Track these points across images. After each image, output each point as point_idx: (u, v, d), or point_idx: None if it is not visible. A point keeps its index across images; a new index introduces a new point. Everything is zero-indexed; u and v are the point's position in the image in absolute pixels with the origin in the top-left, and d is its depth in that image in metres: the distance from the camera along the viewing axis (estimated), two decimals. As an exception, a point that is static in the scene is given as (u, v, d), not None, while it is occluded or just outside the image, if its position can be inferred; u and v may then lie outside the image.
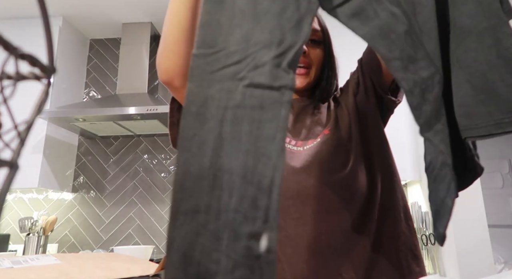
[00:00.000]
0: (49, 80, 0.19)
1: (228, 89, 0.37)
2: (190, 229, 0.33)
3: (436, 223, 0.45)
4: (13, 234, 2.30)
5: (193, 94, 0.37)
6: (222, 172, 0.35)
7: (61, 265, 0.62)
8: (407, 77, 0.41)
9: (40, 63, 0.19)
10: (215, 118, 0.36)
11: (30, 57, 0.18)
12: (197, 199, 0.34)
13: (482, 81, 0.40)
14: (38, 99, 0.19)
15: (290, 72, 0.38)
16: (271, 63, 0.38)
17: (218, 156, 0.35)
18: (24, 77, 0.18)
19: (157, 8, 2.35)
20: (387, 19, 0.42)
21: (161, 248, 2.25)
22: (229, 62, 0.38)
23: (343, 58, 0.85)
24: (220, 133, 0.36)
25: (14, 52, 0.17)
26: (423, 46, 0.42)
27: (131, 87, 2.36)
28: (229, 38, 0.39)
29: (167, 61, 0.66)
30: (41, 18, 0.19)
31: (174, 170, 0.37)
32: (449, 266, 1.60)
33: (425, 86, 0.41)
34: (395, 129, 2.01)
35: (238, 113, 0.36)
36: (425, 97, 0.41)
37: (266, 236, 0.32)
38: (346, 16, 0.43)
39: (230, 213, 0.33)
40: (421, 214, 1.81)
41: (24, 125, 0.18)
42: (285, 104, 0.37)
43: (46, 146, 2.17)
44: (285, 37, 0.39)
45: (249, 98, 0.37)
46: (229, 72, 0.38)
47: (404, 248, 0.73)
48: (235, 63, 0.38)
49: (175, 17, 0.64)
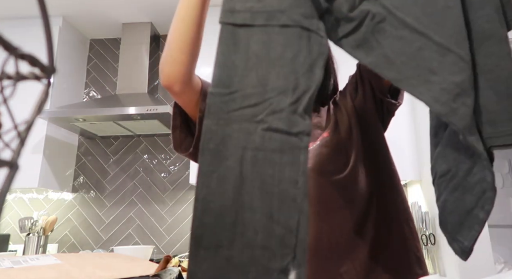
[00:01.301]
0: (49, 80, 0.19)
1: (246, 130, 0.39)
2: (213, 264, 0.34)
3: (458, 235, 0.42)
4: (13, 234, 2.30)
5: (211, 131, 0.39)
6: (244, 210, 0.36)
7: (61, 265, 0.62)
8: (430, 88, 0.41)
9: (40, 63, 0.19)
10: (234, 157, 0.38)
11: (30, 57, 0.18)
12: (219, 234, 0.35)
13: (505, 87, 0.40)
14: (38, 99, 0.19)
15: (306, 118, 0.40)
16: (288, 110, 0.40)
17: (239, 193, 0.37)
18: (24, 77, 0.18)
19: (157, 8, 2.35)
20: (391, 45, 0.43)
21: (161, 248, 2.25)
22: (246, 104, 0.40)
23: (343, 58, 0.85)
24: (240, 172, 0.37)
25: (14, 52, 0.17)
26: (453, 53, 0.42)
27: (131, 87, 2.36)
28: (245, 80, 0.41)
29: (169, 68, 0.67)
30: (41, 18, 0.19)
31: (193, 205, 0.38)
32: (449, 266, 1.60)
33: (460, 90, 0.41)
34: (395, 130, 2.01)
35: (259, 155, 0.38)
36: (463, 102, 0.40)
37: (295, 271, 0.34)
38: (351, 47, 0.44)
39: (257, 249, 0.35)
40: (421, 214, 1.81)
41: (24, 125, 0.18)
42: (304, 149, 0.39)
43: (46, 146, 2.17)
44: (299, 83, 0.41)
45: (269, 142, 0.38)
46: (246, 113, 0.40)
47: (405, 250, 0.73)
48: (252, 105, 0.40)
49: (180, 26, 0.66)
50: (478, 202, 0.40)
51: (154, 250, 2.22)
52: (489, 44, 0.41)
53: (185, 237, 2.26)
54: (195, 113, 0.73)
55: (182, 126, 0.76)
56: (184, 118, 0.76)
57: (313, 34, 0.43)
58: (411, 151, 1.92)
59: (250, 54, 0.42)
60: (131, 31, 2.48)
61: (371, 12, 0.44)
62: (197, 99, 0.72)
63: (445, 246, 1.63)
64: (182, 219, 2.30)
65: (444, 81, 0.41)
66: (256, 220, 0.36)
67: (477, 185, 0.41)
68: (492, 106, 0.40)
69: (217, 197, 0.37)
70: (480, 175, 0.41)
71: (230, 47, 0.42)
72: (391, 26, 0.43)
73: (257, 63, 0.41)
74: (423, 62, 0.42)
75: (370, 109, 0.77)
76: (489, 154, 0.42)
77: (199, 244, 0.35)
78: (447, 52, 0.42)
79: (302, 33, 0.42)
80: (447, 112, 0.40)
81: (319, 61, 0.42)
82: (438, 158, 0.46)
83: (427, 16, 0.43)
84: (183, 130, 0.76)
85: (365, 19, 0.44)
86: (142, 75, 2.38)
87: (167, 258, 0.71)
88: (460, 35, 0.42)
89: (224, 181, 0.37)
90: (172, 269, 0.70)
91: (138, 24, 2.48)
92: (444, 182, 0.45)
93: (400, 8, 0.43)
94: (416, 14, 0.43)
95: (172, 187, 2.36)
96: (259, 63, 0.41)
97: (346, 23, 0.44)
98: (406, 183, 2.15)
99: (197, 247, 0.35)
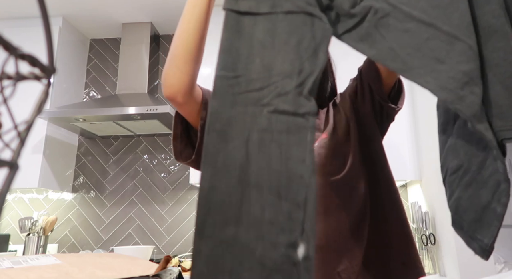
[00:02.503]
0: (49, 80, 0.19)
1: (252, 113, 0.40)
2: (219, 241, 0.35)
3: (476, 233, 0.41)
4: (13, 234, 2.30)
5: (217, 112, 0.40)
6: (250, 188, 0.37)
7: (61, 265, 0.62)
8: (437, 77, 0.41)
9: (40, 63, 0.19)
10: (241, 138, 0.39)
11: (30, 57, 0.18)
12: (225, 212, 0.36)
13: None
14: (38, 99, 0.19)
15: (311, 99, 0.41)
16: (294, 92, 0.40)
17: (246, 172, 0.37)
18: (24, 77, 0.18)
19: (157, 8, 2.35)
20: (396, 39, 0.43)
21: (161, 248, 2.25)
22: (251, 88, 0.41)
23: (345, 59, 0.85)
24: (246, 152, 0.38)
25: (14, 52, 0.17)
26: (461, 41, 0.42)
27: (131, 87, 2.36)
28: (249, 67, 0.42)
29: (172, 78, 0.68)
30: (41, 18, 0.19)
31: (199, 184, 0.39)
32: (449, 266, 1.60)
33: (468, 79, 0.41)
34: (395, 130, 2.02)
35: (265, 136, 0.39)
36: (471, 90, 0.40)
37: (304, 245, 0.34)
38: (354, 40, 0.45)
39: (264, 225, 0.35)
40: (421, 214, 1.81)
41: (24, 125, 0.18)
42: (310, 129, 0.39)
43: (46, 146, 2.17)
44: (304, 67, 0.41)
45: (275, 123, 0.39)
46: (251, 97, 0.41)
47: (401, 249, 0.74)
48: (257, 89, 0.41)
49: (184, 35, 0.67)
50: (494, 195, 0.39)
51: (154, 250, 2.22)
52: (496, 39, 0.41)
53: (185, 237, 2.26)
54: (196, 121, 0.74)
55: (182, 136, 0.77)
56: (185, 127, 0.77)
57: (317, 20, 0.43)
58: (411, 151, 1.92)
59: (254, 42, 0.42)
60: (131, 31, 2.48)
61: (374, 7, 0.44)
62: (198, 108, 0.73)
63: (445, 246, 1.63)
64: (182, 219, 2.30)
65: (451, 70, 0.41)
66: (263, 197, 0.36)
67: (491, 177, 0.39)
68: (501, 100, 0.40)
69: (223, 175, 0.37)
70: (493, 167, 0.40)
71: (234, 35, 0.43)
72: (396, 20, 0.44)
73: (261, 51, 0.42)
74: (430, 53, 0.42)
75: (369, 112, 0.78)
76: (501, 147, 0.41)
77: (205, 223, 0.35)
78: (455, 41, 0.42)
79: (306, 19, 0.43)
80: (453, 100, 0.40)
81: (323, 46, 0.43)
82: (448, 154, 0.46)
83: (435, 9, 0.43)
84: (184, 139, 0.77)
85: (367, 14, 0.44)
86: (142, 75, 2.38)
87: (167, 258, 0.71)
88: (468, 26, 0.43)
89: (230, 160, 0.38)
90: (172, 269, 0.70)
91: (138, 24, 2.48)
92: (457, 179, 0.44)
93: (405, 3, 0.44)
94: (423, 7, 0.43)
95: (172, 187, 2.36)
96: (263, 50, 0.42)
97: (348, 19, 0.45)
98: (406, 183, 2.15)
99: (202, 226, 0.35)
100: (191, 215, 2.29)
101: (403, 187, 2.17)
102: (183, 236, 2.26)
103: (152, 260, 1.75)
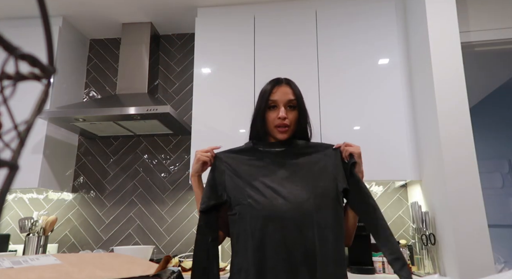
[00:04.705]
0: (49, 80, 0.19)
1: None
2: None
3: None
4: (13, 234, 2.30)
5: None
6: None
7: (61, 265, 0.62)
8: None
9: (40, 63, 0.19)
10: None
11: (30, 57, 0.18)
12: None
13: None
14: (38, 99, 0.19)
15: None
16: None
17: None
18: (24, 77, 0.18)
19: (157, 8, 2.35)
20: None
21: (161, 248, 2.25)
22: None
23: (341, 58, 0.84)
24: None
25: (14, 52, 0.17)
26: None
27: (131, 87, 2.36)
28: None
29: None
30: (41, 18, 0.19)
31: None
32: (449, 266, 1.60)
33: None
34: (395, 130, 2.02)
35: None
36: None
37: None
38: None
39: None
40: (421, 214, 1.81)
41: (24, 125, 0.18)
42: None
43: (46, 146, 2.17)
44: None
45: None
46: None
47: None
48: None
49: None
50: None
51: (154, 250, 2.22)
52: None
53: (185, 237, 2.26)
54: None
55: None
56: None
57: None
58: (411, 151, 1.92)
59: None
60: (131, 31, 2.48)
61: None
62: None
63: (445, 246, 1.63)
64: (182, 219, 2.29)
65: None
66: None
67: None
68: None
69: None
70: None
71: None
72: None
73: None
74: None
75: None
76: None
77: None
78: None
79: None
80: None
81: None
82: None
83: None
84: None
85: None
86: (142, 75, 2.38)
87: (167, 258, 0.71)
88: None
89: None
90: (172, 269, 0.70)
91: (138, 24, 2.48)
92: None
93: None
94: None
95: (172, 187, 2.36)
96: None
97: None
98: (406, 183, 2.15)
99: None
100: (191, 215, 2.29)
101: (403, 187, 2.16)
102: (183, 236, 2.26)
103: (152, 260, 1.75)
